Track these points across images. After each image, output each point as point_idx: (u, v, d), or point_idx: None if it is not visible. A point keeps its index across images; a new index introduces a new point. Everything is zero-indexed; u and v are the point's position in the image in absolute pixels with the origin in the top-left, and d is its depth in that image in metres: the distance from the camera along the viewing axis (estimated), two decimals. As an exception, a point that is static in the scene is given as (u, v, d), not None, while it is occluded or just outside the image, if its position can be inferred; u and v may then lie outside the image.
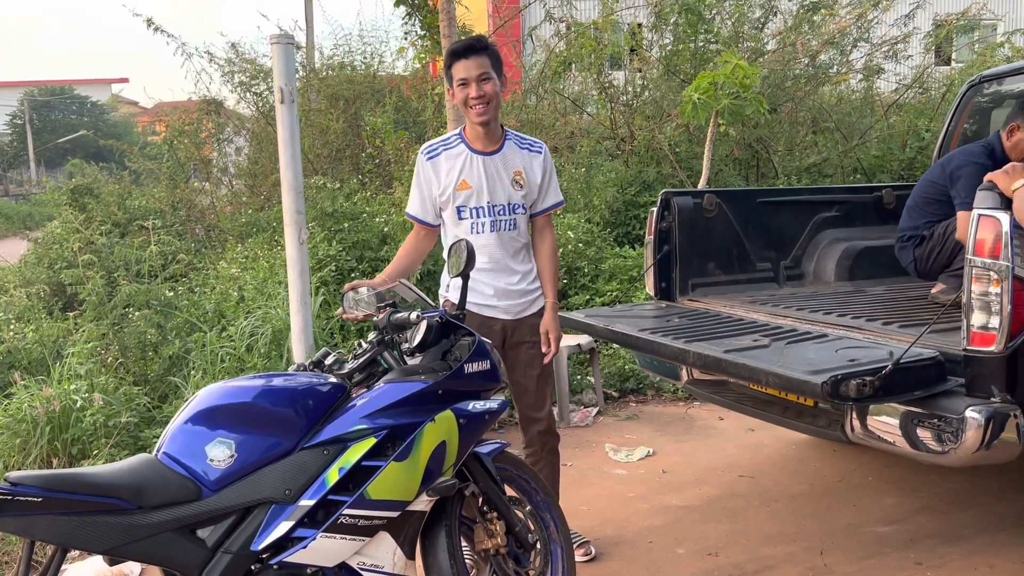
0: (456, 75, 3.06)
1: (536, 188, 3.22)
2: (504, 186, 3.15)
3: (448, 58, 3.09)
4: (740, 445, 4.76)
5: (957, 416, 2.70)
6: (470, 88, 3.03)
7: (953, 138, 4.84)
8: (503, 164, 3.16)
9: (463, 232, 3.13)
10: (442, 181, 3.13)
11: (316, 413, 2.34)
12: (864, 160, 8.98)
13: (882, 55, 9.85)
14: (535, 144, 3.27)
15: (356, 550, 2.30)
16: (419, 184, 3.18)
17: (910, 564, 3.37)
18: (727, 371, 3.10)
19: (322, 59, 10.76)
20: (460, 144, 3.16)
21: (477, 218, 3.14)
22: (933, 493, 4.03)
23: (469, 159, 3.13)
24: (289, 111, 3.75)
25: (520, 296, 3.23)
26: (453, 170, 3.13)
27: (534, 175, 3.20)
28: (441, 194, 3.14)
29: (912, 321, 3.37)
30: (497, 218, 3.14)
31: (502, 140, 3.18)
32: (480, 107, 3.04)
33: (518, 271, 3.22)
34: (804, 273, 4.51)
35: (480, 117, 3.06)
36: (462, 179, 3.12)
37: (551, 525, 2.91)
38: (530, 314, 3.24)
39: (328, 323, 5.57)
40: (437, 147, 3.18)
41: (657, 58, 9.17)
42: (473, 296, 3.14)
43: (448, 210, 3.15)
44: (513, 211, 3.17)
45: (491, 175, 3.13)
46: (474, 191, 3.12)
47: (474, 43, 3.07)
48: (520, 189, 3.18)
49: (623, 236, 7.78)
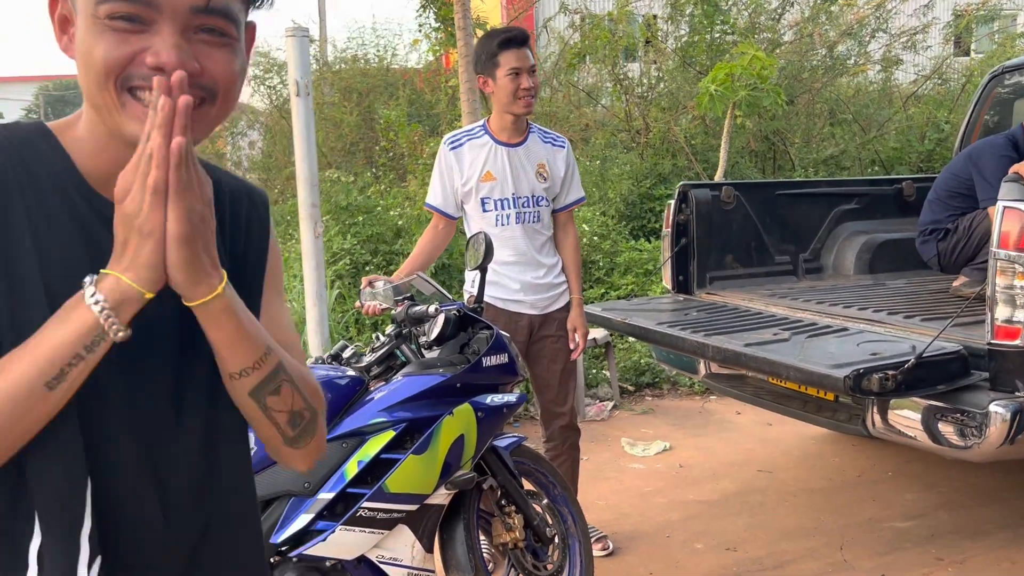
0: (507, 63, 2.99)
1: (559, 182, 3.20)
2: (528, 178, 3.13)
3: (501, 44, 3.00)
4: (758, 439, 4.73)
5: (981, 411, 2.67)
6: (522, 78, 2.99)
7: (975, 130, 4.78)
8: (527, 156, 3.14)
9: (488, 225, 3.09)
10: (465, 172, 3.10)
11: (335, 406, 2.33)
12: (882, 152, 8.90)
13: (901, 46, 9.75)
14: (558, 139, 3.25)
15: (375, 543, 2.30)
16: (441, 174, 3.15)
17: (931, 560, 3.34)
18: (747, 365, 3.07)
19: (336, 52, 10.78)
20: (484, 135, 3.13)
21: (502, 210, 3.11)
22: (954, 488, 3.99)
23: (493, 150, 3.10)
24: (304, 104, 3.74)
25: (547, 290, 3.20)
26: (477, 161, 3.10)
27: (557, 169, 3.19)
28: (464, 184, 3.10)
29: (934, 315, 3.33)
30: (521, 210, 3.12)
31: (526, 132, 3.16)
32: (529, 99, 3.03)
33: (544, 264, 3.19)
34: (823, 266, 4.47)
35: (527, 108, 3.05)
36: (486, 170, 3.09)
37: (569, 519, 2.90)
38: (556, 308, 3.22)
39: (344, 316, 5.57)
40: (461, 137, 3.15)
41: (673, 49, 9.11)
42: (498, 291, 3.12)
43: (472, 202, 3.12)
44: (537, 203, 3.15)
45: (515, 166, 3.11)
46: (498, 182, 3.09)
47: (524, 34, 3.03)
48: (543, 182, 3.16)
49: (638, 229, 7.74)
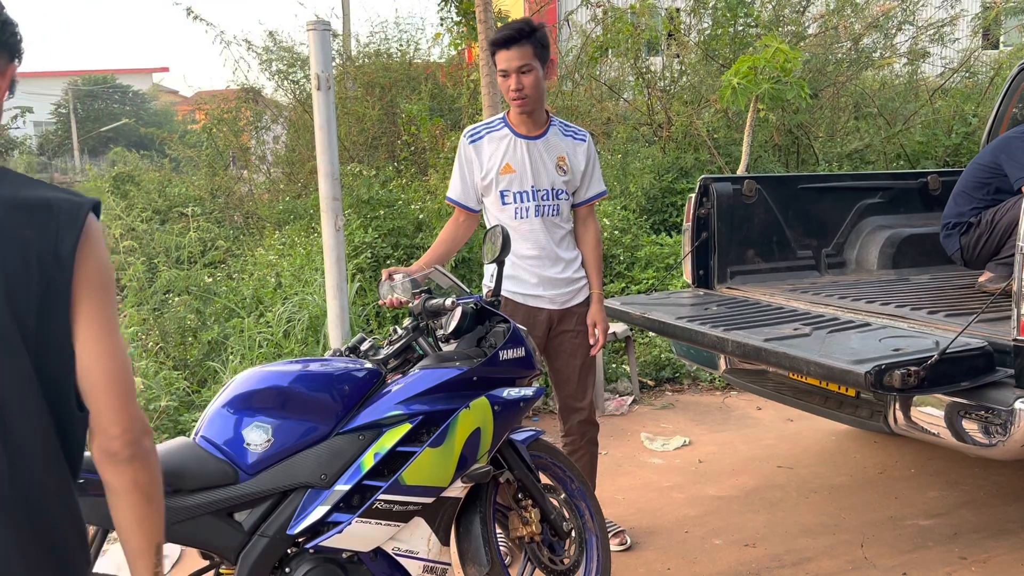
0: (498, 65, 3.03)
1: (579, 176, 3.18)
2: (548, 170, 3.12)
3: (493, 45, 3.04)
4: (778, 435, 4.70)
5: (1006, 408, 2.63)
6: (510, 80, 3.01)
7: (1003, 123, 4.70)
8: (546, 149, 3.13)
9: (507, 218, 3.09)
10: (484, 165, 3.10)
11: (352, 398, 2.34)
12: (908, 146, 8.79)
13: (927, 38, 9.63)
14: (579, 132, 3.24)
15: (391, 535, 2.31)
16: (461, 168, 3.15)
17: (954, 559, 3.30)
18: (767, 360, 3.05)
19: (358, 47, 10.79)
20: (504, 127, 3.14)
21: (521, 203, 3.10)
22: (977, 486, 3.94)
23: (513, 143, 3.10)
24: (325, 97, 3.76)
25: (566, 285, 3.19)
26: (496, 153, 3.10)
27: (577, 162, 3.17)
28: (484, 177, 3.11)
29: (959, 310, 3.29)
30: (541, 203, 3.11)
31: (546, 125, 3.15)
32: (519, 101, 3.03)
33: (563, 259, 3.18)
34: (846, 261, 4.42)
35: (519, 109, 3.06)
36: (505, 163, 3.09)
37: (586, 514, 2.89)
38: (576, 303, 3.21)
39: (364, 309, 5.59)
40: (480, 130, 3.16)
41: (695, 43, 9.04)
42: (517, 285, 3.12)
43: (491, 195, 3.12)
44: (556, 196, 3.14)
45: (535, 159, 3.10)
46: (517, 175, 3.09)
47: (516, 33, 2.99)
48: (563, 175, 3.14)
49: (659, 223, 7.70)
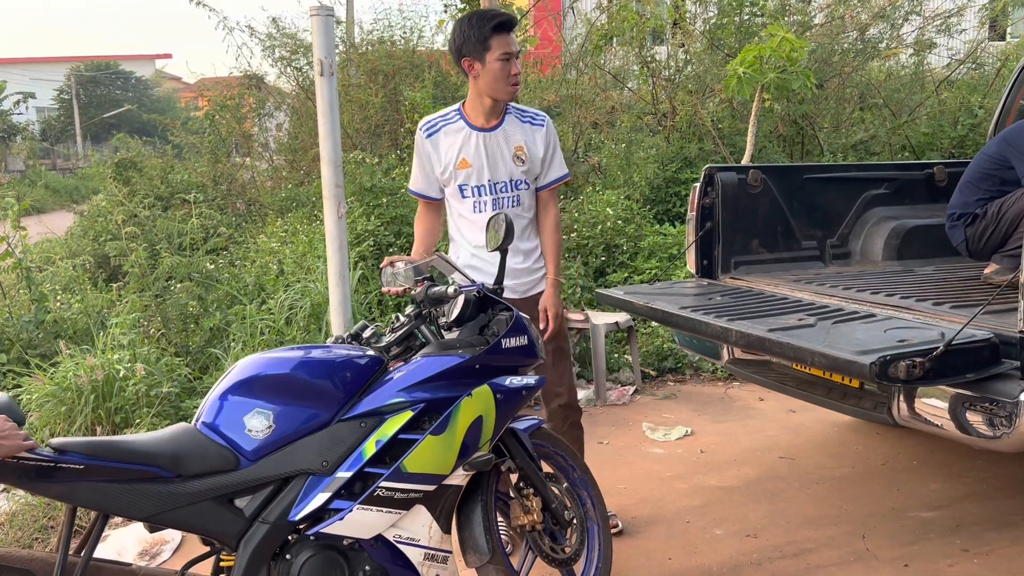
0: (500, 47, 2.97)
1: (539, 162, 3.14)
2: (505, 162, 3.09)
3: (496, 28, 2.96)
4: (781, 426, 4.69)
5: (1011, 400, 2.61)
6: (513, 64, 2.99)
7: (1009, 114, 4.68)
8: (504, 139, 3.10)
9: (466, 211, 3.11)
10: (443, 159, 3.09)
11: (354, 385, 2.33)
12: (913, 138, 8.74)
13: (934, 29, 9.55)
14: (537, 116, 3.18)
15: (392, 523, 2.30)
16: (420, 161, 3.15)
17: (956, 551, 3.29)
18: (771, 350, 3.03)
19: (362, 34, 10.75)
20: (459, 119, 3.10)
21: (479, 196, 3.10)
22: (980, 479, 3.93)
23: (468, 136, 3.08)
24: (328, 83, 3.73)
25: (527, 275, 3.20)
26: (452, 147, 3.08)
27: (536, 149, 3.13)
28: (442, 172, 3.10)
29: (964, 302, 3.27)
30: (499, 195, 3.10)
31: (502, 115, 3.12)
32: (518, 85, 3.04)
33: (523, 250, 3.17)
34: (851, 252, 4.40)
35: (512, 94, 3.05)
36: (462, 157, 3.07)
37: (588, 503, 2.89)
38: (538, 291, 3.21)
39: (367, 297, 5.59)
40: (436, 122, 3.12)
41: (701, 32, 8.99)
42: (479, 276, 3.11)
43: (451, 187, 3.13)
44: (516, 187, 3.12)
45: (491, 152, 3.08)
46: (474, 169, 3.07)
47: (515, 18, 3.01)
48: (522, 164, 3.11)
49: (663, 213, 7.68)
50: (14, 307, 5.42)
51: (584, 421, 3.43)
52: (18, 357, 4.97)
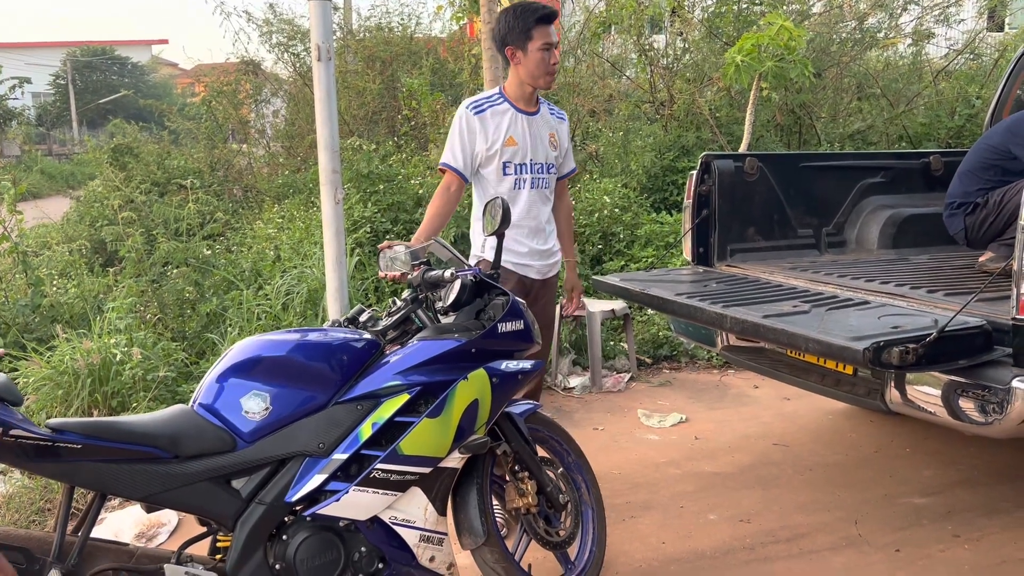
0: (541, 38, 3.14)
1: (563, 152, 3.39)
2: (543, 145, 3.27)
3: (539, 19, 3.12)
4: (775, 413, 4.71)
5: (1003, 386, 2.63)
6: (552, 54, 3.15)
7: (1006, 104, 4.68)
8: (543, 124, 3.29)
9: (505, 189, 3.20)
10: (490, 136, 3.19)
11: (350, 368, 2.35)
12: (910, 128, 8.74)
13: (933, 19, 9.55)
14: (560, 112, 3.44)
15: (388, 504, 2.32)
16: (461, 137, 3.20)
17: (947, 536, 3.32)
18: (765, 336, 3.04)
19: (359, 20, 10.71)
20: (504, 102, 3.24)
21: (520, 174, 3.23)
22: (972, 465, 3.95)
23: (514, 116, 3.22)
24: (326, 69, 3.72)
25: (549, 257, 3.36)
26: (501, 126, 3.20)
27: (563, 139, 3.37)
28: (489, 148, 3.19)
29: (958, 289, 3.28)
30: (536, 176, 3.26)
31: (538, 103, 3.31)
32: (554, 74, 3.20)
33: (547, 231, 3.35)
34: (847, 240, 4.41)
35: (550, 82, 3.21)
36: (509, 135, 3.20)
37: (583, 487, 2.91)
38: (553, 275, 3.42)
39: (363, 284, 5.59)
40: (483, 103, 3.24)
41: (699, 20, 8.97)
42: (507, 255, 3.15)
43: (492, 166, 3.20)
44: (548, 171, 3.31)
45: (534, 134, 3.25)
46: (519, 148, 3.21)
47: (556, 11, 3.15)
48: (554, 150, 3.32)
49: (660, 202, 7.68)
50: (10, 291, 5.42)
51: (580, 407, 3.47)
52: (15, 341, 4.97)
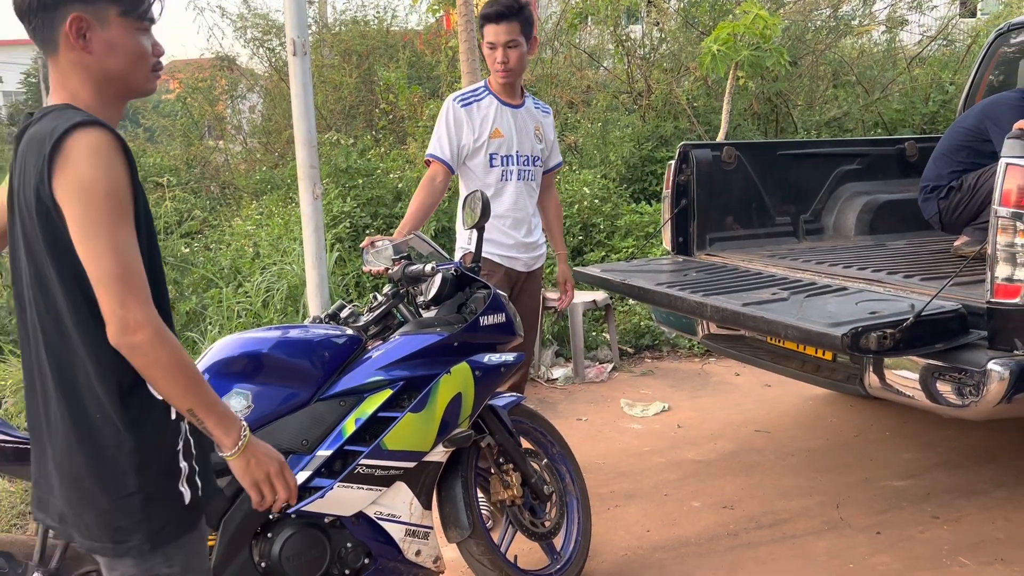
0: (486, 37, 3.16)
1: (549, 145, 3.39)
2: (529, 138, 3.28)
3: (483, 17, 3.17)
4: (756, 400, 4.75)
5: (979, 369, 2.67)
6: (496, 53, 3.15)
7: (979, 89, 4.73)
8: (528, 117, 3.30)
9: (492, 180, 3.20)
10: (476, 127, 3.19)
11: (332, 365, 2.34)
12: (885, 114, 8.82)
13: (906, 6, 9.63)
14: (545, 106, 3.46)
15: (373, 500, 2.32)
16: (448, 128, 3.20)
17: (927, 518, 3.37)
18: (745, 324, 3.07)
19: (335, 14, 10.63)
20: (488, 95, 3.25)
21: (507, 166, 3.24)
22: (950, 448, 4.01)
23: (500, 109, 3.23)
24: (302, 63, 3.70)
25: (534, 250, 3.35)
26: (487, 118, 3.21)
27: (548, 133, 3.39)
28: (476, 140, 3.19)
29: (934, 274, 3.32)
30: (523, 168, 3.27)
31: (523, 96, 3.32)
32: (503, 73, 3.17)
33: (533, 223, 3.34)
34: (824, 227, 4.45)
35: (502, 80, 3.20)
36: (495, 127, 3.21)
37: (567, 477, 2.93)
38: (538, 267, 3.41)
39: (344, 279, 5.57)
40: (468, 96, 3.26)
41: (675, 10, 8.99)
42: (494, 247, 3.18)
43: (478, 158, 3.21)
44: (534, 163, 3.31)
45: (519, 126, 3.26)
46: (505, 139, 3.22)
47: (506, 9, 3.11)
48: (540, 143, 3.33)
49: (639, 192, 7.70)
50: (-14, 294, 5.36)
51: (563, 398, 3.48)
52: (-8, 344, 4.92)
